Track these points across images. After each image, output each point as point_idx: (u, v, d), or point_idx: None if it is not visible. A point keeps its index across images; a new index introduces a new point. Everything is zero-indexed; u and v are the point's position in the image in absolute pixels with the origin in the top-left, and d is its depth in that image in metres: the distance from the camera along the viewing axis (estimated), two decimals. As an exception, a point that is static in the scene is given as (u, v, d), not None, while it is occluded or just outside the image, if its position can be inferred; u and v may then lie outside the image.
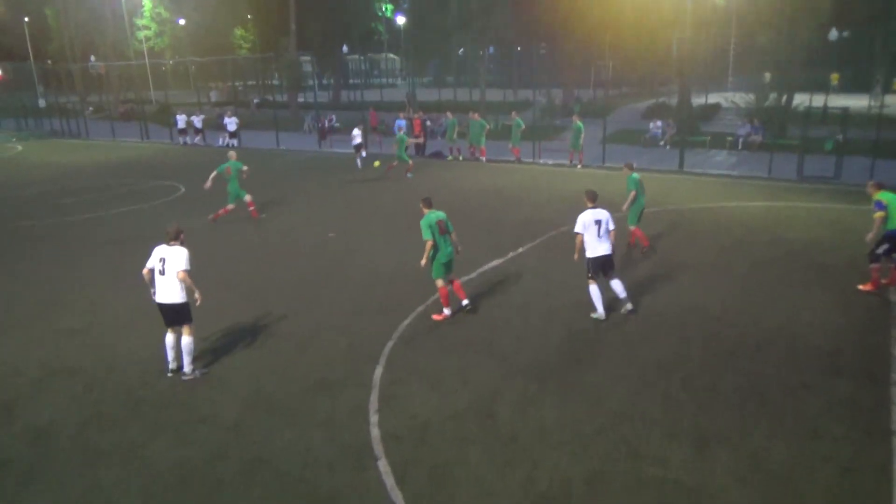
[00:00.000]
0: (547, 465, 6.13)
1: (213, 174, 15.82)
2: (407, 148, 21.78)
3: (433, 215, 9.48)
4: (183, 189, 20.86)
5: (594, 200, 9.50)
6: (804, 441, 6.39)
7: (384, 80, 67.73)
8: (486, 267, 12.01)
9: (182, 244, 7.94)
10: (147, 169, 25.57)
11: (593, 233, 9.32)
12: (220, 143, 32.14)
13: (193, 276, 7.96)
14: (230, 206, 15.93)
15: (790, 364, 7.98)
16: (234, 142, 31.70)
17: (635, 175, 12.43)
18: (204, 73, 55.53)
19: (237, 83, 54.26)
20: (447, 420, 6.99)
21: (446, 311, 9.70)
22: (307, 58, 48.16)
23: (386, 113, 36.16)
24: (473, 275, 11.57)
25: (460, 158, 25.46)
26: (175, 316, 7.95)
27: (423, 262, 9.46)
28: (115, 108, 49.89)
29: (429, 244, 9.35)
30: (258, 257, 13.27)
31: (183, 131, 33.85)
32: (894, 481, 5.75)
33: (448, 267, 9.62)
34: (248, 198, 16.08)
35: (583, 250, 9.42)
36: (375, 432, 6.79)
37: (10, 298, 11.28)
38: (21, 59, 50.73)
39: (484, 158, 24.89)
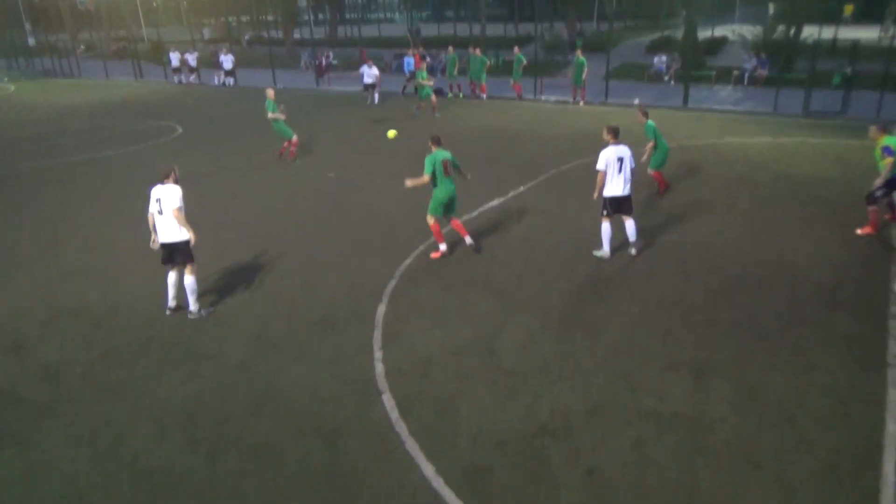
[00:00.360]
0: (547, 398, 6.27)
1: (271, 115, 15.33)
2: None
3: (440, 154, 9.37)
4: (180, 129, 20.60)
5: (616, 136, 9.10)
6: (800, 373, 6.51)
7: (382, 15, 65.82)
8: (487, 206, 11.98)
9: (175, 182, 7.87)
10: (143, 109, 25.18)
11: (614, 170, 9.02)
12: (216, 81, 31.55)
13: (193, 215, 7.95)
14: (294, 140, 15.63)
15: (789, 298, 8.05)
16: (231, 80, 31.11)
17: (651, 123, 11.74)
18: (196, 7, 53.96)
19: (230, 19, 52.74)
20: (449, 355, 7.11)
21: (442, 248, 9.74)
22: (302, -8, 46.54)
23: (385, 50, 35.32)
24: (474, 213, 11.55)
25: (460, 96, 25.01)
26: (177, 255, 7.97)
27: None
28: (107, 47, 48.69)
29: (424, 179, 9.29)
30: (258, 197, 13.22)
31: (177, 70, 33.16)
32: (887, 411, 5.88)
33: (449, 207, 9.58)
34: (294, 137, 15.72)
35: (601, 188, 9.17)
36: (380, 368, 6.92)
37: (11, 241, 11.31)
38: (7, -4, 49.11)
39: (484, 95, 24.46)
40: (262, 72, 32.76)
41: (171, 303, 8.27)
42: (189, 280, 8.05)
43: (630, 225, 9.40)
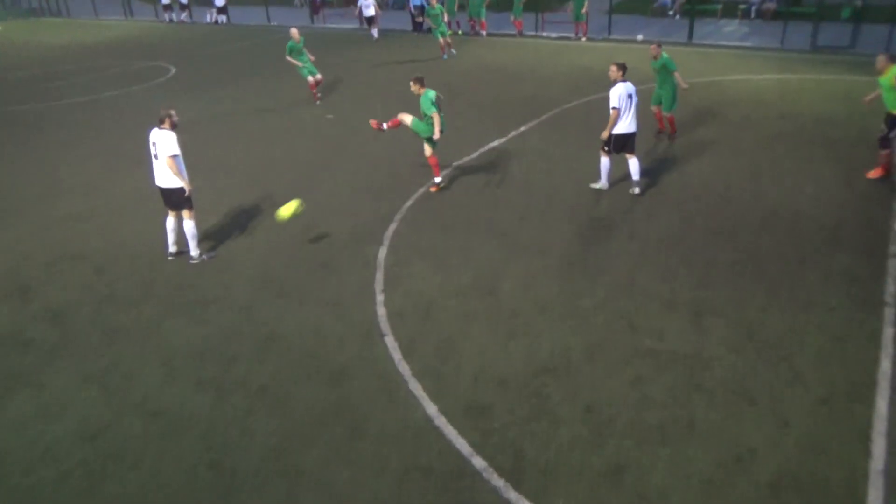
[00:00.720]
0: (548, 338, 6.37)
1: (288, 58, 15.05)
2: (423, 22, 20.80)
3: (431, 92, 9.31)
4: (174, 70, 20.18)
5: (625, 72, 9.00)
6: (798, 312, 6.59)
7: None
8: (487, 147, 11.85)
9: (173, 128, 7.70)
10: (135, 49, 24.60)
11: (624, 107, 9.00)
12: (208, 19, 30.69)
13: (190, 159, 7.87)
14: (319, 78, 15.31)
15: (790, 239, 8.07)
16: (223, 18, 30.28)
17: (666, 55, 11.23)
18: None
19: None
20: (450, 297, 7.18)
21: (437, 180, 9.89)
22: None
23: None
24: (475, 154, 11.44)
25: (459, 33, 24.37)
26: (173, 200, 7.93)
27: (437, 135, 9.41)
28: (95, -16, 47.05)
29: (437, 116, 9.29)
30: (255, 140, 13.07)
31: (168, 7, 32.21)
32: (882, 348, 5.98)
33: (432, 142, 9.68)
34: (318, 77, 15.38)
35: (613, 127, 9.06)
36: (382, 311, 7.00)
37: (10, 185, 11.25)
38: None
39: (484, 32, 23.84)
40: (255, 9, 31.82)
41: (172, 248, 8.29)
42: (188, 225, 8.04)
43: (634, 163, 9.36)
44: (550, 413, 5.41)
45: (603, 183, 9.53)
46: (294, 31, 14.99)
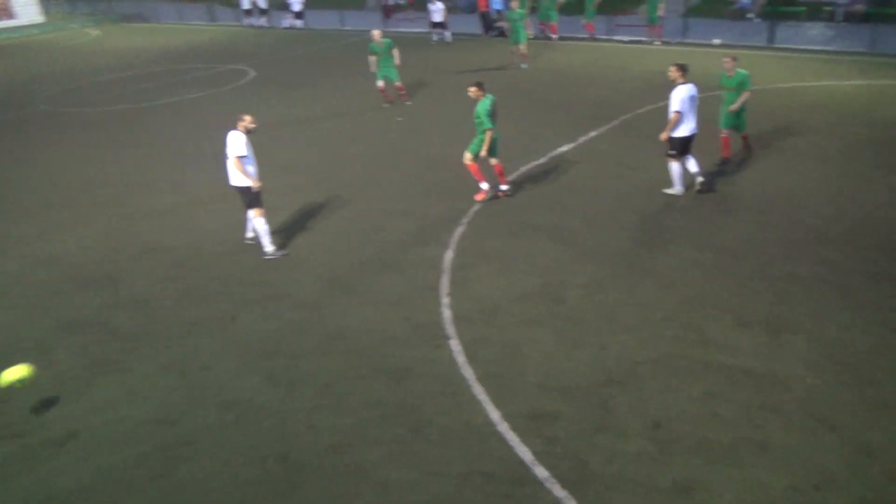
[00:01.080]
0: (614, 348, 6.27)
1: (371, 58, 15.01)
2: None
3: (488, 100, 9.24)
4: (252, 73, 20.93)
5: (686, 74, 8.94)
6: (884, 333, 6.23)
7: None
8: (556, 152, 11.74)
9: (245, 132, 8.05)
10: (216, 53, 25.64)
11: (687, 110, 8.96)
12: (285, 24, 31.65)
13: (264, 159, 8.14)
14: (398, 84, 15.25)
15: (878, 254, 7.63)
16: (300, 23, 31.16)
17: (743, 71, 10.12)
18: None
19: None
20: (516, 302, 7.16)
21: (484, 186, 9.75)
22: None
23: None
24: (543, 159, 11.36)
25: (529, 36, 24.22)
26: (242, 198, 8.26)
27: (485, 151, 9.33)
28: (181, -11, 49.39)
29: (490, 134, 9.21)
30: (327, 141, 13.39)
31: (248, 12, 33.39)
32: (978, 375, 5.59)
33: (493, 150, 9.53)
34: (397, 83, 15.26)
35: (673, 129, 9.06)
36: (447, 313, 7.05)
37: (102, 181, 11.93)
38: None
39: (555, 35, 23.61)
40: (328, 13, 32.61)
41: (249, 234, 8.75)
42: (258, 223, 8.33)
43: (692, 159, 9.34)
44: (616, 425, 5.32)
45: (678, 188, 9.34)
46: (375, 33, 15.14)
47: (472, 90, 9.30)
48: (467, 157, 9.59)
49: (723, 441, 5.07)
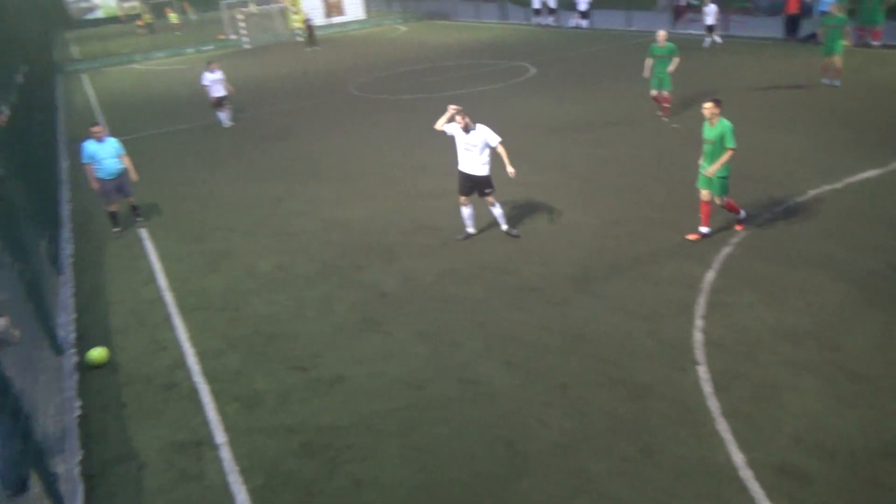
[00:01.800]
0: (901, 417, 5.31)
1: (648, 61, 14.13)
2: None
3: (728, 123, 8.14)
4: (533, 70, 21.64)
5: None
6: None
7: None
8: (857, 177, 10.19)
9: (465, 129, 8.79)
10: (503, 50, 26.99)
11: None
12: (571, 23, 32.02)
13: (530, 157, 8.41)
14: (665, 94, 14.15)
15: None
16: (585, 22, 31.29)
17: None
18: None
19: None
20: (782, 340, 6.44)
21: (743, 215, 8.85)
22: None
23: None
24: (839, 184, 9.95)
25: (848, 45, 21.10)
26: (478, 187, 8.99)
27: (715, 169, 8.18)
28: (480, -11, 52.81)
29: (729, 154, 8.12)
30: (594, 142, 13.32)
31: (537, 11, 34.50)
32: None
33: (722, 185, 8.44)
34: (665, 92, 14.11)
35: None
36: (699, 336, 6.63)
37: (389, 161, 13.43)
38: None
39: (877, 42, 20.26)
40: (616, 13, 32.18)
41: (471, 230, 9.36)
42: (496, 209, 9.09)
43: None
44: (889, 506, 4.53)
45: None
46: (661, 34, 14.12)
47: (709, 107, 8.16)
48: (707, 195, 8.46)
49: None
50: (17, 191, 8.69)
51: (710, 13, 22.50)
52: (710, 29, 22.72)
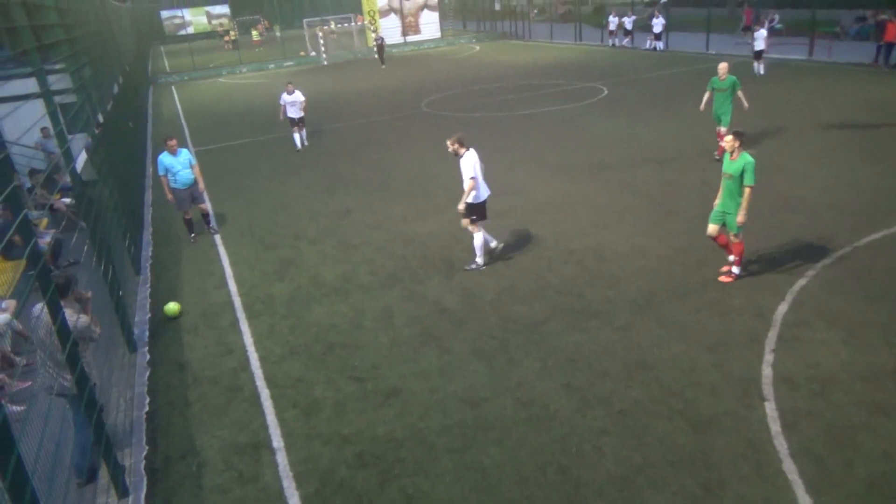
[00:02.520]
0: None
1: (706, 95, 13.09)
2: None
3: (750, 158, 7.67)
4: (606, 91, 21.41)
5: None
6: None
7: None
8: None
9: (456, 154, 8.95)
10: (577, 70, 26.85)
11: None
12: (648, 45, 31.55)
13: (594, 174, 8.21)
14: (723, 130, 12.78)
15: None
16: (660, 44, 30.76)
17: None
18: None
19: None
20: (858, 380, 6.08)
21: (736, 271, 8.23)
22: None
23: (843, 11, 30.17)
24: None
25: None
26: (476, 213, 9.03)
27: (742, 215, 7.72)
28: (555, 11, 52.87)
29: (749, 193, 7.66)
30: (662, 163, 13.00)
31: (613, 32, 34.18)
32: None
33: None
34: (722, 129, 12.77)
35: None
36: (767, 371, 6.33)
37: (447, 179, 13.51)
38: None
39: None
40: (695, 36, 31.49)
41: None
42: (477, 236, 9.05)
43: None
44: (975, 567, 4.18)
45: None
46: (721, 66, 12.78)
47: (729, 141, 7.72)
48: (715, 230, 8.06)
49: None
50: (107, 194, 9.25)
51: (760, 38, 21.57)
52: (759, 55, 21.76)
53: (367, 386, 6.77)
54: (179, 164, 10.85)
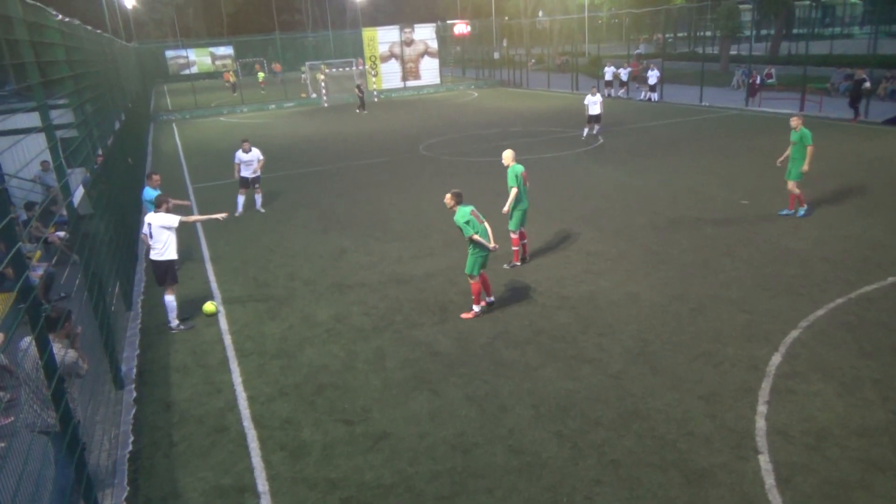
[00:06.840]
0: None
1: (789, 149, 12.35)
2: None
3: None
4: (601, 140, 21.75)
5: None
6: None
7: (837, 30, 57.70)
8: (945, 266, 9.61)
9: (167, 211, 9.21)
10: (573, 118, 27.28)
11: None
12: (642, 96, 32.22)
13: (584, 219, 8.26)
14: (795, 191, 12.34)
15: None
16: (654, 95, 31.42)
17: None
18: (637, 25, 55.80)
19: (667, 35, 53.12)
20: (853, 435, 6.02)
21: (476, 308, 9.02)
22: (748, 5, 44.13)
23: (833, 68, 31.03)
24: (925, 273, 9.41)
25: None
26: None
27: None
28: (553, 60, 54.16)
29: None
30: (657, 211, 13.13)
31: (609, 83, 34.97)
32: None
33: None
34: (793, 185, 12.26)
35: None
36: (761, 423, 6.27)
37: (443, 222, 13.58)
38: (486, 17, 58.59)
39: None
40: (690, 88, 32.23)
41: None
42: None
43: None
44: None
45: None
46: (793, 120, 12.16)
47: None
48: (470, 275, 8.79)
49: None
50: (102, 228, 9.24)
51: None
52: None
53: (357, 429, 6.66)
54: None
